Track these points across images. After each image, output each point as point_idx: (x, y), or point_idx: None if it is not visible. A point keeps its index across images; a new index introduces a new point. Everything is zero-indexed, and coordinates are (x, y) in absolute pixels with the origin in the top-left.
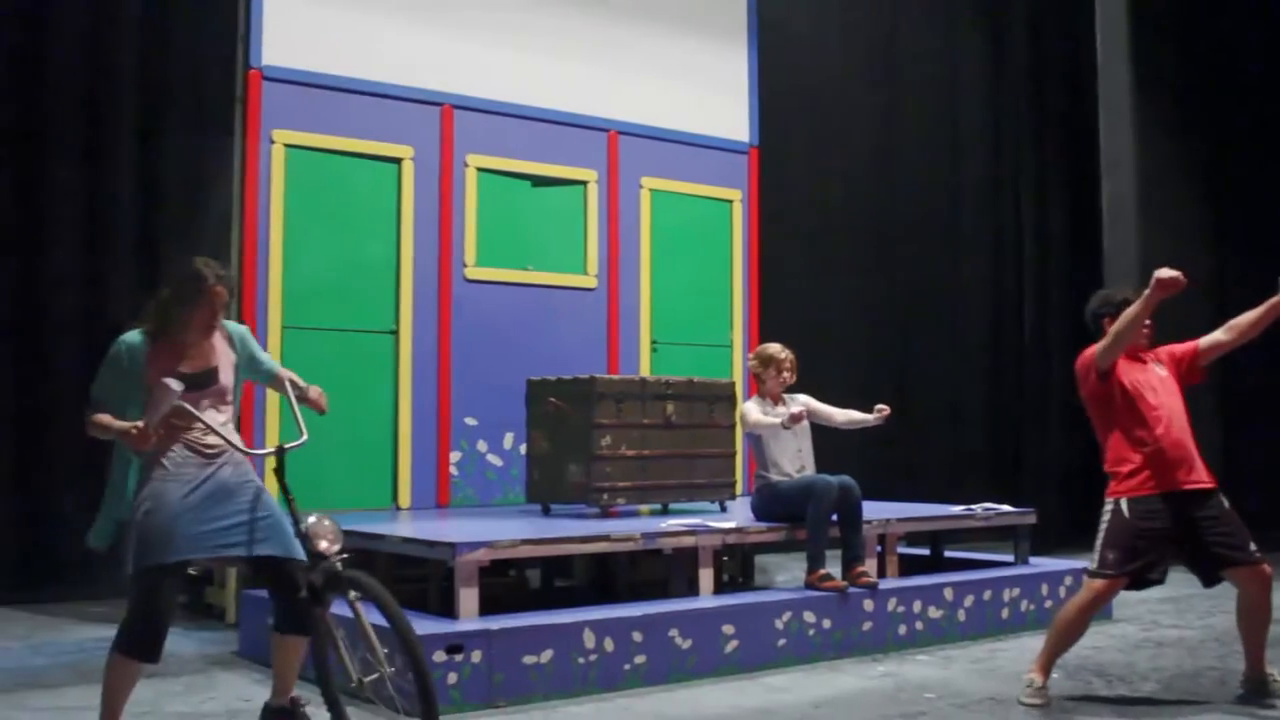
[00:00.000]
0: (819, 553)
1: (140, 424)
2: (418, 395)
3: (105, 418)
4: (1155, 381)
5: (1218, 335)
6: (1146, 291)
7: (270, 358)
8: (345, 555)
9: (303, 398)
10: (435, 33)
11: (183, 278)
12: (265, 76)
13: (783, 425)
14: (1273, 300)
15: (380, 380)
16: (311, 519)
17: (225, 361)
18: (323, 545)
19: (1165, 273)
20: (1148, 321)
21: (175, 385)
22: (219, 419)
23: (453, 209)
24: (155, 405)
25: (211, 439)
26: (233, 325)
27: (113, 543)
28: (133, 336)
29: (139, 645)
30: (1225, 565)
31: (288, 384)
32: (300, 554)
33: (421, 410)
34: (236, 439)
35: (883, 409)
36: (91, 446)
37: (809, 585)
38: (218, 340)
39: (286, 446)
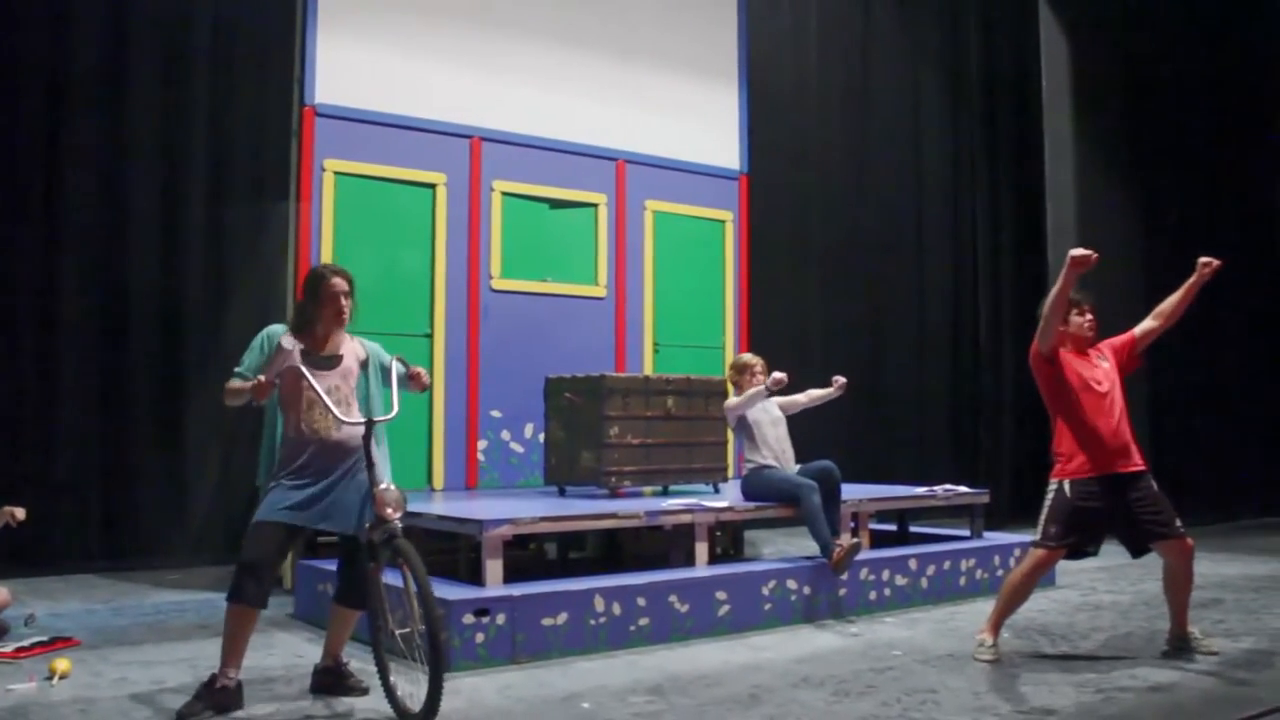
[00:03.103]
0: (826, 538)
1: (262, 378)
2: (450, 390)
3: (237, 383)
4: (1100, 375)
5: (1148, 323)
6: (1064, 270)
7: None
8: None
9: (406, 375)
10: (466, 74)
11: (308, 278)
12: (317, 113)
13: (766, 389)
14: (1189, 282)
15: None
16: (382, 486)
17: (351, 355)
18: (387, 511)
19: (1078, 251)
20: (1090, 318)
21: (288, 344)
22: (331, 396)
23: (480, 227)
24: (275, 362)
25: (335, 436)
26: (368, 341)
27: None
28: (274, 327)
29: (243, 591)
30: (1153, 539)
31: (395, 362)
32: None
33: (453, 403)
34: (336, 409)
35: (840, 380)
36: (166, 433)
37: (835, 566)
38: (350, 340)
39: (375, 419)
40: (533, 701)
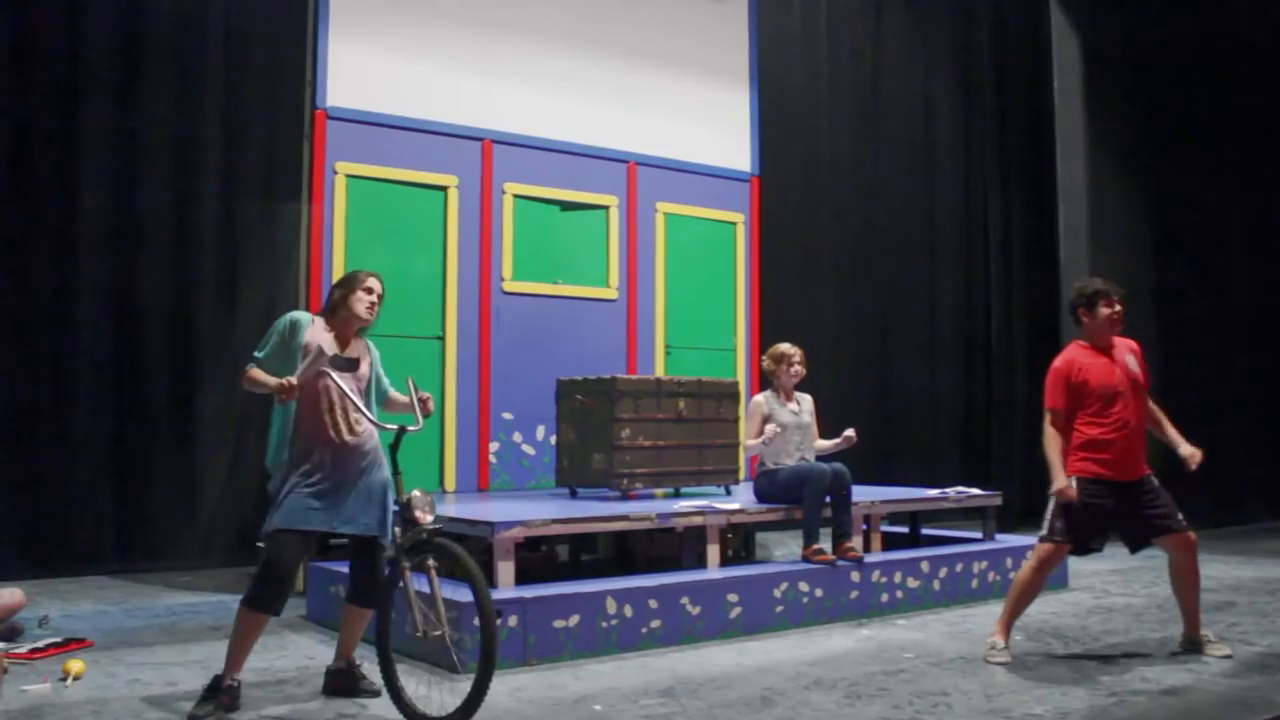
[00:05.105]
0: (814, 530)
1: (291, 379)
2: (461, 393)
3: (260, 373)
4: (1122, 381)
5: (1152, 412)
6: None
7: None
8: (437, 527)
9: (417, 399)
10: (477, 77)
11: (345, 275)
12: (329, 116)
13: (763, 443)
14: (1173, 443)
15: (429, 380)
16: (412, 492)
17: (366, 360)
18: (418, 515)
19: (1066, 495)
20: (1119, 308)
21: (314, 347)
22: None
23: (492, 230)
24: (307, 365)
25: (352, 439)
26: (373, 346)
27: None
28: (299, 314)
29: (261, 599)
30: (1157, 533)
31: (409, 382)
32: (387, 536)
33: (465, 406)
34: (368, 411)
35: (850, 436)
36: (177, 434)
37: (804, 558)
38: (363, 344)
39: (408, 428)
40: (544, 703)
